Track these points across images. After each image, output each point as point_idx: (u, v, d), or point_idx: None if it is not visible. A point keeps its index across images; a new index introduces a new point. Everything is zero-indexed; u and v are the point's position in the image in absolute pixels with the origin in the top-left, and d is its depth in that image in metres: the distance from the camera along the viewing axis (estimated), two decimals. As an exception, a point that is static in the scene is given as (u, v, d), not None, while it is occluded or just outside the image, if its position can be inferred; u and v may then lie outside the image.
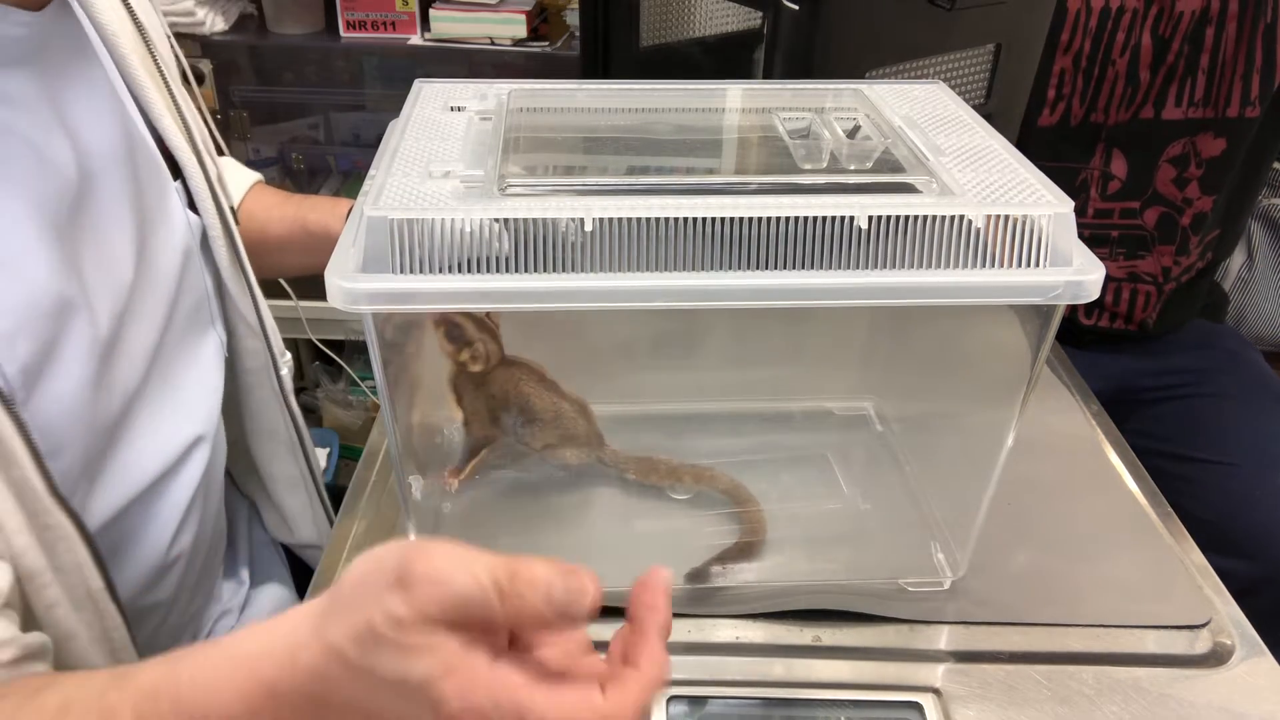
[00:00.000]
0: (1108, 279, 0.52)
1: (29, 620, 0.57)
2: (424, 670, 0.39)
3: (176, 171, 0.72)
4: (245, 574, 0.84)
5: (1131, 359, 1.24)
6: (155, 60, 0.72)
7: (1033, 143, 1.11)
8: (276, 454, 0.84)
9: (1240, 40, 1.09)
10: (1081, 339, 1.24)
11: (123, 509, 0.64)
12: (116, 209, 0.64)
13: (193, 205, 0.73)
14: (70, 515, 0.57)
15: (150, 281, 0.67)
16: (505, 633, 0.42)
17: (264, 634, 0.45)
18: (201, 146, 0.75)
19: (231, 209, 0.78)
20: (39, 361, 0.56)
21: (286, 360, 0.83)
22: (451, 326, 0.70)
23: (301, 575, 0.90)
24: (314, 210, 0.91)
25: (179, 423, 0.70)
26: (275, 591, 0.86)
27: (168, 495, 0.68)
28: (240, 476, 0.88)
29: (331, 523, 0.89)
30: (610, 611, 0.66)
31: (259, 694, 0.44)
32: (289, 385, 0.83)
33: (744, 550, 0.72)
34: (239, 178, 0.93)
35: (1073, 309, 1.20)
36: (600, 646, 0.66)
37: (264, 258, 0.91)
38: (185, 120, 0.74)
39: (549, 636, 0.45)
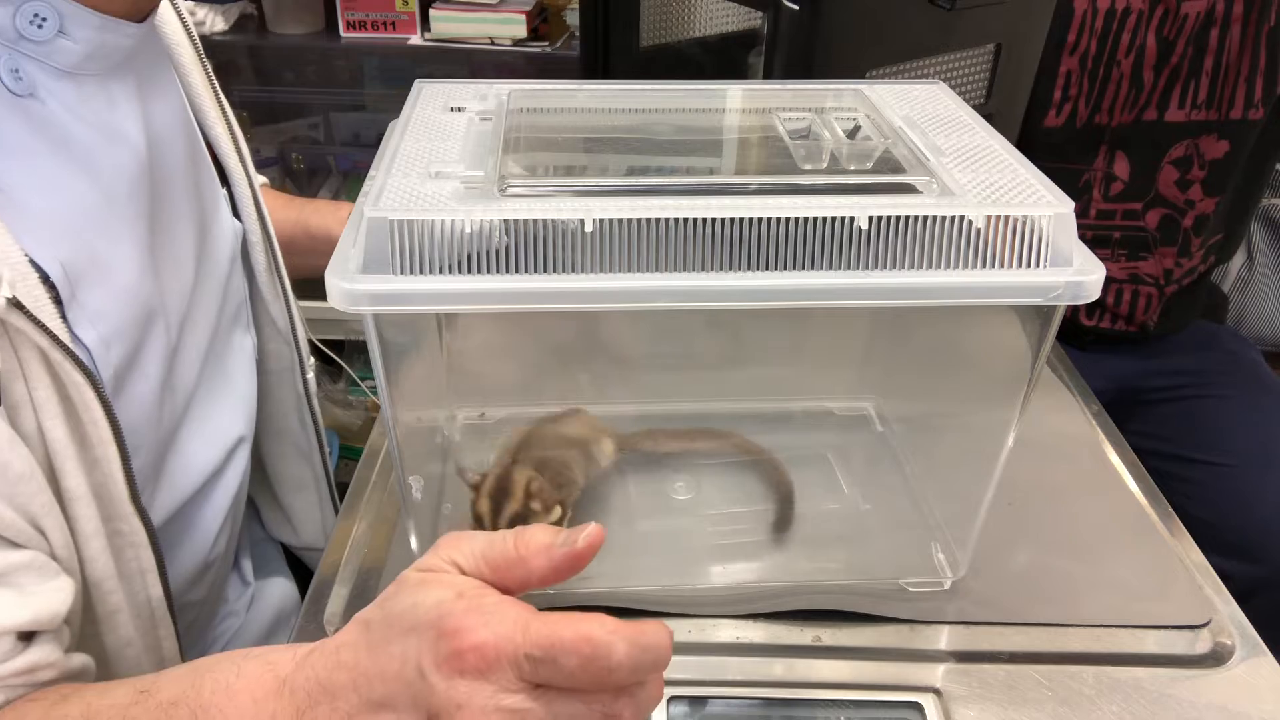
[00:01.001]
0: (1109, 280, 0.52)
1: (88, 628, 0.58)
2: (438, 595, 0.43)
3: (223, 178, 0.75)
4: (249, 574, 0.84)
5: (1132, 360, 1.24)
6: (206, 72, 0.75)
7: (1038, 144, 1.11)
8: (286, 455, 0.85)
9: (1244, 43, 1.09)
10: (1083, 340, 1.24)
11: (176, 511, 0.66)
12: (184, 213, 0.67)
13: (234, 211, 0.76)
14: (143, 519, 0.58)
15: (206, 284, 0.69)
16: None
17: (298, 645, 0.48)
18: (245, 154, 0.78)
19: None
20: (126, 366, 0.59)
21: (313, 365, 0.84)
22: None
23: (301, 576, 0.90)
24: (316, 213, 0.92)
25: (226, 424, 0.72)
26: (278, 588, 0.86)
27: (214, 496, 0.70)
28: None
29: None
30: (613, 612, 0.67)
31: (270, 688, 0.46)
32: (313, 389, 0.84)
33: (786, 500, 0.74)
34: None
35: (1074, 310, 1.19)
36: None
37: None
38: (233, 129, 0.76)
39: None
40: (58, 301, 0.53)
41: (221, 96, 0.76)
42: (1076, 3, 1.07)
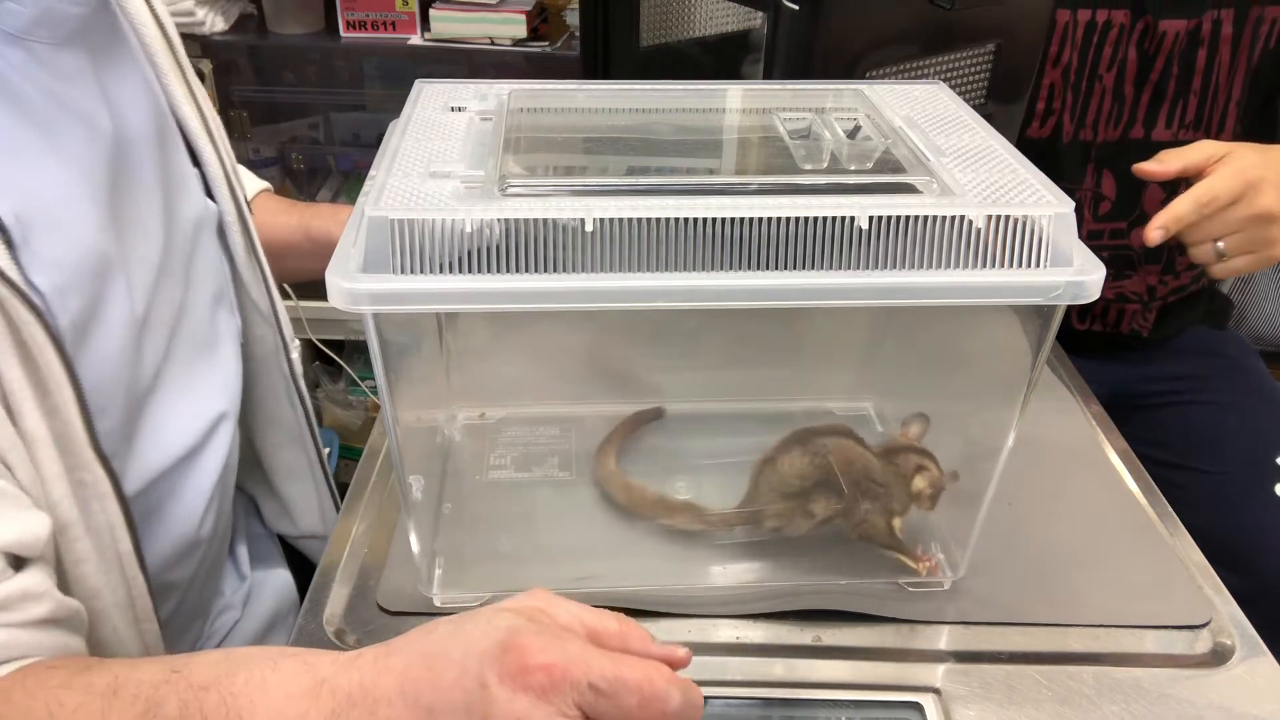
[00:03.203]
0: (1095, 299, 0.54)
1: (58, 576, 0.58)
2: (510, 620, 0.45)
3: (195, 160, 0.75)
4: (245, 568, 0.85)
5: (1129, 365, 1.24)
6: (175, 54, 0.75)
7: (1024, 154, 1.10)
8: (281, 443, 0.85)
9: (1234, 65, 1.08)
10: (1079, 345, 1.23)
11: (154, 480, 0.66)
12: (149, 185, 0.67)
13: (210, 194, 0.76)
14: (109, 472, 0.58)
15: (175, 257, 0.69)
16: None
17: (341, 652, 0.49)
18: (218, 137, 0.78)
19: (246, 200, 0.81)
20: (86, 319, 0.59)
21: (296, 345, 0.84)
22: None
23: (299, 569, 0.90)
24: (317, 217, 0.92)
25: (206, 399, 0.72)
26: (276, 583, 0.86)
27: (197, 472, 0.70)
28: (240, 474, 0.89)
29: (339, 510, 0.89)
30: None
31: (306, 686, 0.46)
32: (299, 369, 0.84)
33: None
34: (246, 185, 0.94)
35: (1066, 315, 1.19)
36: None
37: (268, 264, 0.93)
38: (203, 110, 0.76)
39: None
40: (9, 245, 0.53)
41: (191, 79, 0.76)
42: (1059, 14, 1.06)
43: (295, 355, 0.84)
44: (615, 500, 0.76)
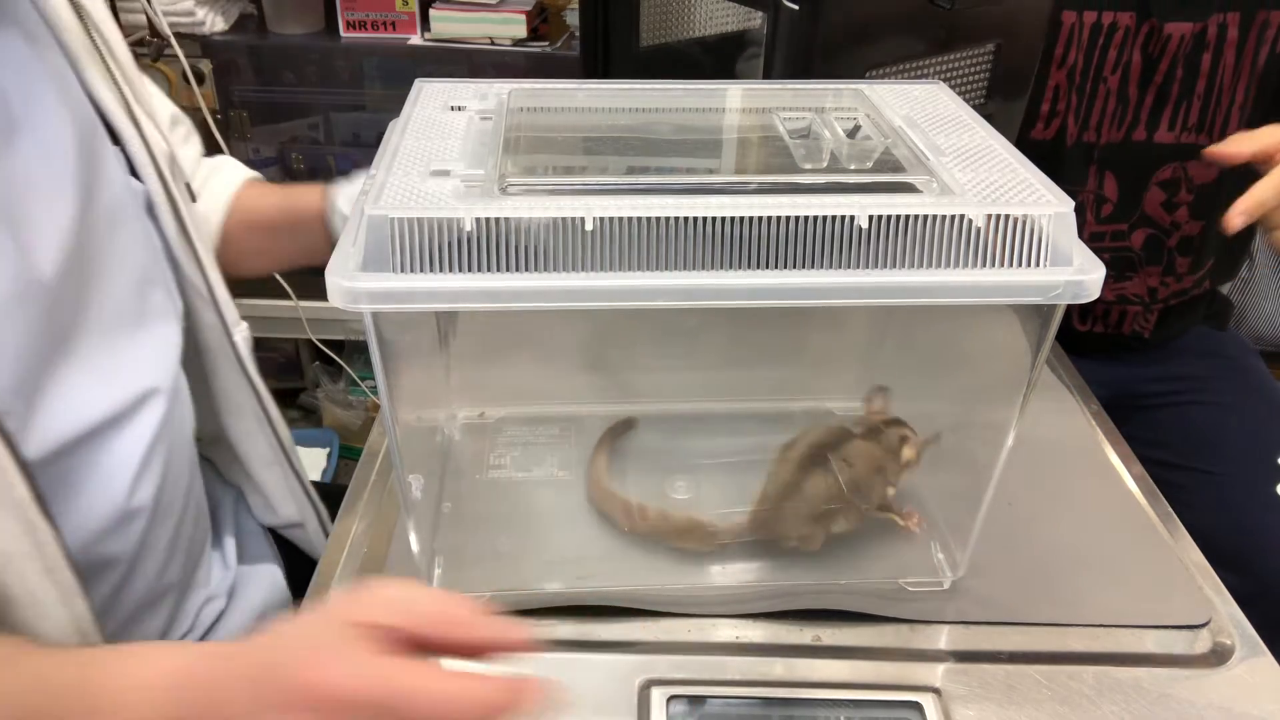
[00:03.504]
0: (1096, 301, 0.54)
1: None
2: (329, 642, 0.46)
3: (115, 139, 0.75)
4: (232, 559, 0.85)
5: (1131, 366, 1.24)
6: (91, 36, 0.74)
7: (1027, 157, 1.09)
8: (248, 431, 0.85)
9: (1239, 68, 1.08)
10: (1080, 346, 1.23)
11: (66, 447, 0.65)
12: (53, 156, 0.67)
13: (135, 173, 0.76)
14: None
15: (93, 228, 0.69)
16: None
17: (241, 642, 0.51)
18: (142, 118, 0.77)
19: (188, 184, 0.81)
20: None
21: (241, 328, 0.84)
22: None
23: (292, 564, 0.90)
24: (301, 193, 0.93)
25: (130, 372, 0.71)
26: (266, 577, 0.86)
27: (118, 444, 0.69)
28: (224, 464, 0.89)
29: (309, 495, 0.90)
30: (613, 611, 0.67)
31: (165, 684, 0.51)
32: (244, 351, 0.84)
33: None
34: (234, 174, 0.95)
35: (1067, 316, 1.18)
36: (601, 646, 0.66)
37: (256, 245, 0.93)
38: (124, 92, 0.76)
39: None
40: None
41: (116, 63, 0.76)
42: (1064, 16, 1.06)
43: (239, 338, 0.84)
44: (617, 524, 0.75)
